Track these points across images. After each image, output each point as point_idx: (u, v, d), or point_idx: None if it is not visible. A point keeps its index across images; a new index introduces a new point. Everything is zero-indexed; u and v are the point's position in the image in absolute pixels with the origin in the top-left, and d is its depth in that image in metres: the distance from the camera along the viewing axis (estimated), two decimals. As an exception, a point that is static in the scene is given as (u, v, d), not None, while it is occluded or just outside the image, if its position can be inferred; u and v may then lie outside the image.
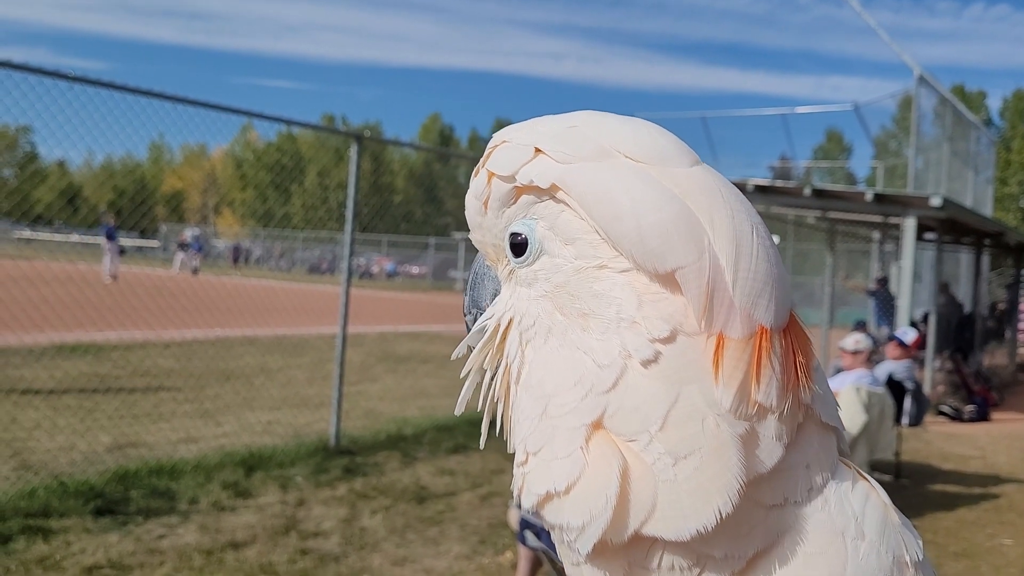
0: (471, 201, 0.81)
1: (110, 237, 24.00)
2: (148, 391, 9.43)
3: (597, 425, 0.69)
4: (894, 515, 0.75)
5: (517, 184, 0.74)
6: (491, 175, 0.77)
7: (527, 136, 0.75)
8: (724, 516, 0.67)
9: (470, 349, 0.83)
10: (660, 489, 0.67)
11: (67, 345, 11.59)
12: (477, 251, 0.87)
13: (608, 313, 0.71)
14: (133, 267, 27.01)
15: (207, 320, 13.05)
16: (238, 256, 50.16)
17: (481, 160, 0.79)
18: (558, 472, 0.70)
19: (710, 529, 0.67)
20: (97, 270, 22.30)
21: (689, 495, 0.67)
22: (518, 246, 0.77)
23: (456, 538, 5.54)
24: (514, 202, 0.76)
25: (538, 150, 0.73)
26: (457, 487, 6.68)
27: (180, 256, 37.28)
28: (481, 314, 0.85)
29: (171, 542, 5.09)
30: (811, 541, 0.70)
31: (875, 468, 7.64)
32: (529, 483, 0.73)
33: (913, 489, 7.84)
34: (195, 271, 33.06)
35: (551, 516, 0.72)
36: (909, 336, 9.42)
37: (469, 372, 0.81)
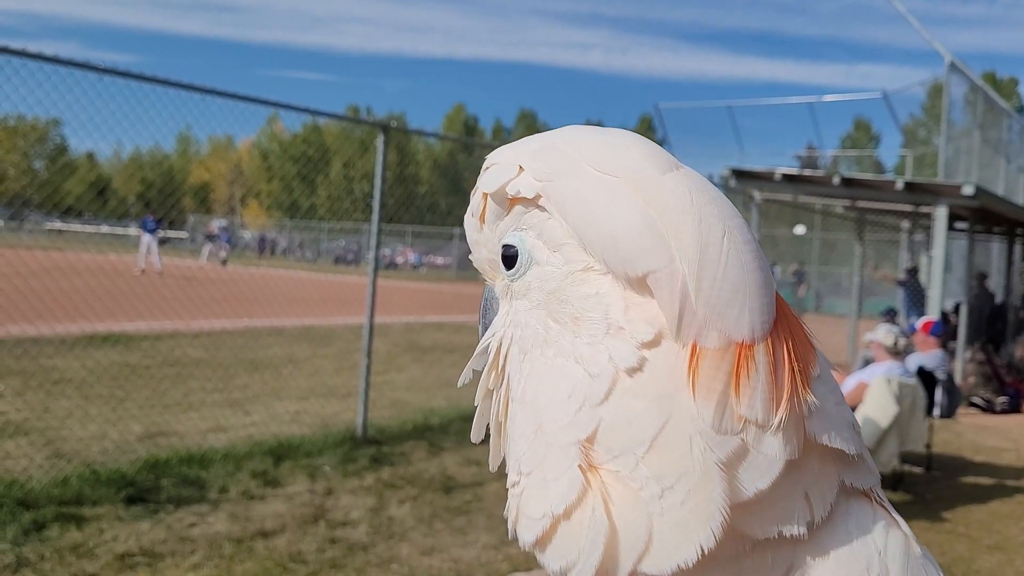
0: (469, 220, 0.81)
1: (147, 229, 24.28)
2: (178, 380, 9.52)
3: (591, 442, 0.66)
4: (916, 547, 0.71)
5: (509, 197, 0.75)
6: (485, 195, 0.78)
7: (512, 155, 0.76)
8: (705, 552, 0.63)
9: (477, 374, 0.80)
10: (652, 520, 0.64)
11: (98, 335, 11.73)
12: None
13: (596, 315, 0.68)
14: (163, 257, 27.25)
15: (235, 310, 13.16)
16: (263, 246, 50.57)
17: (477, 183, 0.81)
18: (557, 493, 0.67)
19: (690, 565, 0.63)
20: (127, 261, 22.54)
21: (671, 529, 0.64)
22: (510, 258, 0.76)
23: (484, 528, 5.55)
24: (506, 214, 0.76)
25: (521, 168, 0.74)
26: (484, 477, 6.69)
27: (208, 247, 37.64)
28: None
29: (202, 531, 5.14)
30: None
31: (906, 460, 7.56)
32: (523, 506, 0.70)
33: (945, 481, 7.75)
34: (224, 262, 33.34)
35: (549, 543, 0.68)
36: (918, 323, 9.35)
37: (477, 401, 0.79)
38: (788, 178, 13.77)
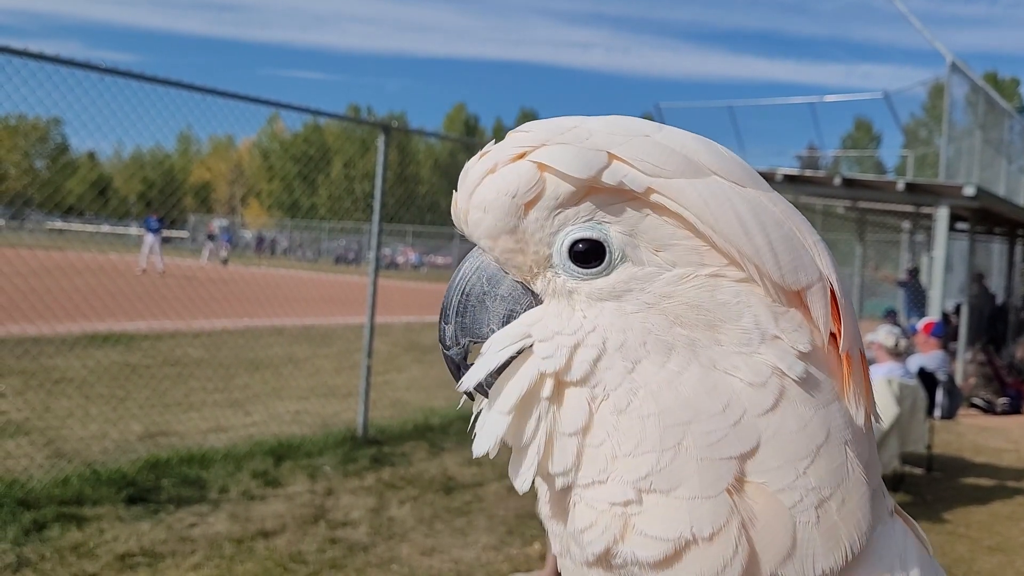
0: (501, 200, 0.70)
1: (150, 229, 24.33)
2: (178, 380, 9.52)
3: (751, 455, 0.64)
4: (926, 551, 0.74)
5: (604, 185, 0.68)
6: (544, 169, 0.69)
7: (590, 138, 0.69)
8: (852, 557, 0.65)
9: (483, 387, 0.73)
10: (798, 533, 0.64)
11: (99, 335, 11.73)
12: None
13: (744, 323, 0.66)
14: (164, 257, 27.26)
15: (235, 310, 13.16)
16: (261, 246, 50.61)
17: (503, 152, 0.71)
18: (702, 514, 0.64)
19: (836, 571, 0.65)
20: (128, 260, 22.54)
21: (823, 536, 0.64)
22: (585, 254, 0.69)
23: (484, 528, 5.55)
24: (574, 203, 0.69)
25: (613, 155, 0.68)
26: (484, 478, 6.69)
27: (209, 246, 37.71)
28: (476, 343, 0.75)
29: (202, 531, 5.14)
30: None
31: (907, 461, 7.56)
32: (644, 525, 0.65)
33: (945, 482, 7.74)
34: (224, 261, 33.36)
35: (677, 562, 0.64)
36: (919, 324, 9.35)
37: (504, 409, 0.70)
38: (789, 179, 13.76)
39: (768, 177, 13.83)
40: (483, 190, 0.71)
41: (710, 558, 0.63)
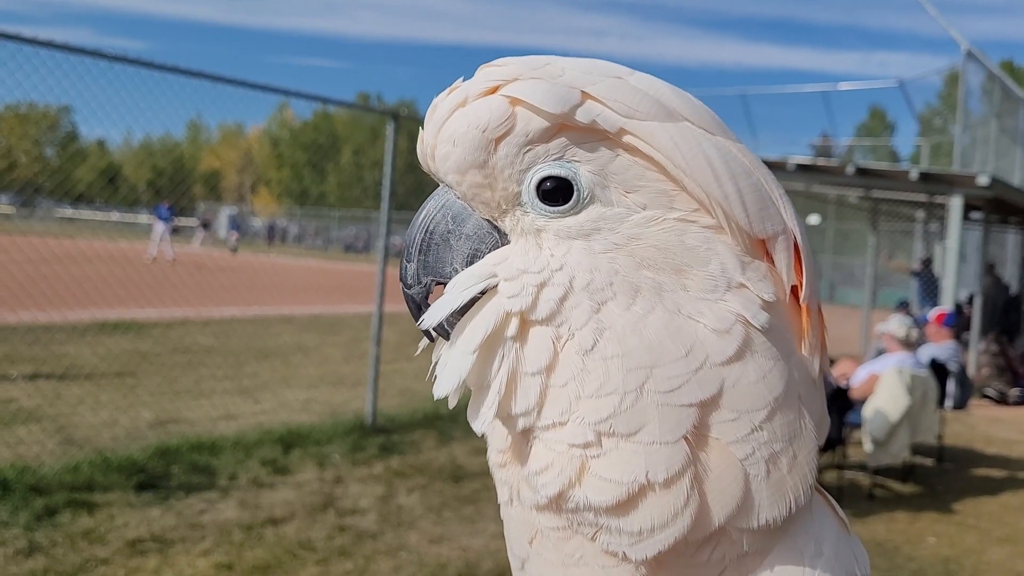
0: (471, 134, 0.68)
1: (162, 217, 24.43)
2: (188, 368, 9.55)
3: (712, 403, 0.64)
4: (846, 531, 0.75)
5: (574, 122, 0.67)
6: (516, 104, 0.68)
7: (563, 75, 0.69)
8: (796, 510, 0.66)
9: (444, 328, 0.72)
10: (748, 485, 0.64)
11: (109, 322, 11.77)
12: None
13: (711, 270, 0.66)
14: (173, 244, 27.34)
15: (245, 298, 13.19)
16: (273, 234, 50.75)
17: (474, 86, 0.70)
18: (658, 459, 0.63)
19: (779, 523, 0.66)
20: (138, 248, 22.61)
21: (770, 490, 0.65)
22: (553, 192, 0.68)
23: (492, 517, 5.54)
24: (544, 141, 0.68)
25: (587, 94, 0.67)
26: (493, 466, 6.69)
27: (201, 234, 37.96)
28: (439, 284, 0.73)
29: (211, 517, 5.15)
30: (775, 560, 0.68)
31: (917, 451, 7.52)
32: (601, 468, 0.64)
33: (956, 473, 7.70)
34: (234, 250, 33.47)
35: (633, 508, 0.64)
36: (931, 314, 9.28)
37: (468, 348, 0.68)
38: (802, 167, 13.66)
39: (780, 166, 13.78)
40: (453, 123, 0.70)
41: (661, 505, 0.63)
